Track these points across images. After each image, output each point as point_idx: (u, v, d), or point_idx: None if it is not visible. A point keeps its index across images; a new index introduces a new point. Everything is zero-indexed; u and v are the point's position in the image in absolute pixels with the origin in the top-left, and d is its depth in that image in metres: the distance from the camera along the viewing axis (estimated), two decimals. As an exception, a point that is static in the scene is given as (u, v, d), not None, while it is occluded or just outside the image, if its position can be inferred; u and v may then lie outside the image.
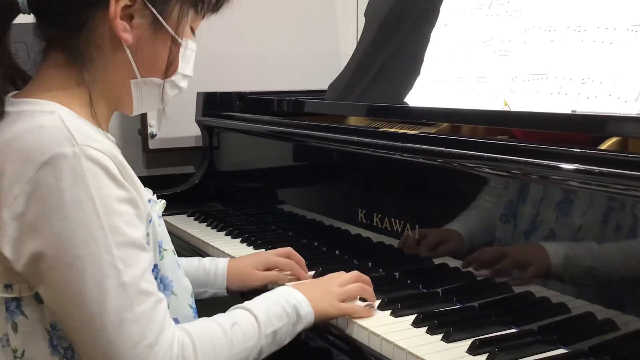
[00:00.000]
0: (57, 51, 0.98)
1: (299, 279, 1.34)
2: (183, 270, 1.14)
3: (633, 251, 0.93)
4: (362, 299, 1.18)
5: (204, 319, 1.03)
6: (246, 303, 1.06)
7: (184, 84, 1.07)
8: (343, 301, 1.14)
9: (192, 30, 1.06)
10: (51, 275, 0.87)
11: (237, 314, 1.04)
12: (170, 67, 1.02)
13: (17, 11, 0.98)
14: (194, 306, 1.14)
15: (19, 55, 1.06)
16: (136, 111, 1.06)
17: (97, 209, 0.87)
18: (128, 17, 0.96)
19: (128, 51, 0.98)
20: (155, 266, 1.04)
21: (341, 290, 1.14)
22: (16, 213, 0.87)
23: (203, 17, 1.07)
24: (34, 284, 0.90)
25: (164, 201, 1.10)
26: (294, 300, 1.08)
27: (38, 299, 0.92)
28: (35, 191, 0.86)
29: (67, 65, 0.97)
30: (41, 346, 0.93)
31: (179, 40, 1.01)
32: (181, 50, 1.02)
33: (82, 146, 0.87)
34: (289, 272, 1.35)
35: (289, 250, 1.37)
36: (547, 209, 1.04)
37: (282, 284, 1.20)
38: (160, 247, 1.05)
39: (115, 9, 0.94)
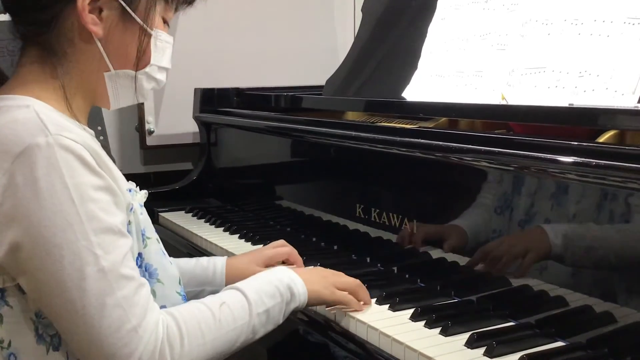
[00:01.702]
0: (31, 47, 1.00)
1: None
2: (175, 263, 1.14)
3: (631, 244, 0.93)
4: None
5: (192, 302, 1.03)
6: (238, 283, 1.07)
7: (160, 76, 1.07)
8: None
9: (166, 23, 1.07)
10: (30, 264, 0.89)
11: (226, 294, 1.04)
12: (141, 59, 1.03)
13: None
14: (183, 293, 1.14)
15: (14, 52, 1.06)
16: (114, 105, 1.07)
17: (72, 197, 0.88)
18: (97, 10, 0.98)
19: (99, 44, 0.99)
20: (140, 255, 1.04)
21: (337, 279, 1.15)
22: None
23: (176, 10, 1.08)
24: (15, 275, 0.92)
25: (145, 191, 1.10)
26: (287, 279, 1.09)
27: (22, 289, 0.93)
28: (11, 182, 0.88)
29: (42, 60, 0.99)
30: (27, 336, 0.94)
31: (149, 31, 1.02)
32: (152, 41, 1.03)
33: (55, 136, 0.89)
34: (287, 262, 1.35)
35: (282, 242, 1.38)
36: (544, 201, 1.05)
37: None
38: (143, 235, 1.05)
39: (82, 2, 0.96)
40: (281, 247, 1.37)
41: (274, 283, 1.07)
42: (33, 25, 0.99)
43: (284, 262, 1.36)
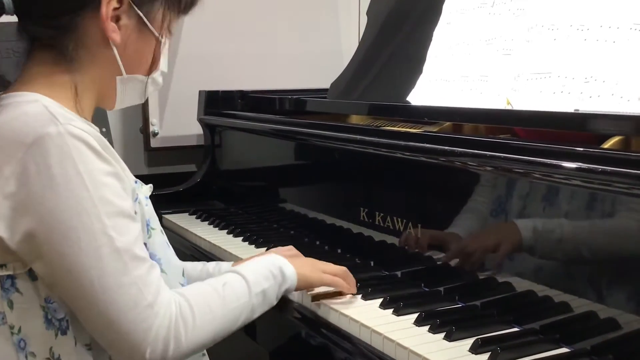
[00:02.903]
0: (43, 50, 1.02)
1: None
2: (179, 261, 1.16)
3: (637, 251, 0.93)
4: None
5: (195, 283, 1.09)
6: (234, 267, 1.13)
7: (160, 79, 1.14)
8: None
9: (169, 29, 1.11)
10: (47, 248, 0.92)
11: (226, 276, 1.10)
12: (153, 65, 1.09)
13: (1, 13, 1.02)
14: (186, 285, 1.16)
15: (20, 53, 1.07)
16: (118, 106, 1.11)
17: (85, 183, 0.92)
18: (115, 18, 1.01)
19: (115, 50, 1.03)
20: (144, 245, 1.06)
21: (325, 267, 1.22)
22: (8, 193, 0.91)
23: (178, 18, 1.13)
24: (30, 261, 0.95)
25: (150, 185, 1.13)
26: (278, 262, 1.15)
27: (32, 275, 0.96)
28: (24, 171, 0.91)
29: (54, 63, 1.02)
30: (37, 322, 0.97)
31: (161, 39, 1.08)
32: (163, 48, 1.09)
33: (65, 125, 0.93)
34: None
35: (290, 248, 1.37)
36: (547, 207, 1.04)
37: None
38: (148, 225, 1.08)
39: (107, 10, 0.99)
40: (286, 251, 1.37)
41: (267, 266, 1.13)
42: (51, 30, 1.01)
43: None
